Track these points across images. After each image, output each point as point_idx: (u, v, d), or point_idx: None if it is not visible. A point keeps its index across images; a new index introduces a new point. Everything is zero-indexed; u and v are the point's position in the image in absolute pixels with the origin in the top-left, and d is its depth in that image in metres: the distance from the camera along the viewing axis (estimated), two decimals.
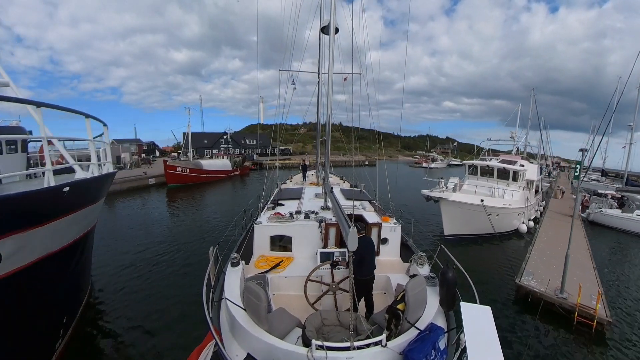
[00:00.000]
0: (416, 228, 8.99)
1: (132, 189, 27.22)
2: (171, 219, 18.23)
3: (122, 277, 10.16)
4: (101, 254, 11.65)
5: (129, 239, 14.29)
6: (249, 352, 3.88)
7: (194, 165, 32.74)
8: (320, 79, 11.73)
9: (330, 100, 7.41)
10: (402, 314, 4.08)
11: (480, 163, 19.05)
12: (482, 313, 3.56)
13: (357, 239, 3.87)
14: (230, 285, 4.91)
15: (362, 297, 5.00)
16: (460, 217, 14.05)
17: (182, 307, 8.26)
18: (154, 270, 10.85)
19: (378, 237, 6.72)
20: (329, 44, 6.93)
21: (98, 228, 8.66)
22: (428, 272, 5.43)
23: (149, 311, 8.19)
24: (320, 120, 12.40)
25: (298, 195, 10.01)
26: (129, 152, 50.05)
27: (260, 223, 6.97)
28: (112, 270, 10.73)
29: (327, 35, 8.70)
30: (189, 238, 14.45)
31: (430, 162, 64.72)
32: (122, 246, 13.22)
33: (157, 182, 29.71)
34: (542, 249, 12.69)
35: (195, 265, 11.13)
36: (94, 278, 9.84)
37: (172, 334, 7.21)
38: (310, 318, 4.25)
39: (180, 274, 10.57)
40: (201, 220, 17.71)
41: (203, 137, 65.29)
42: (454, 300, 4.48)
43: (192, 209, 20.95)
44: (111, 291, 9.22)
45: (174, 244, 13.43)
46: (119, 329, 7.46)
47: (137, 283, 9.76)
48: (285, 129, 75.72)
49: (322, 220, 6.81)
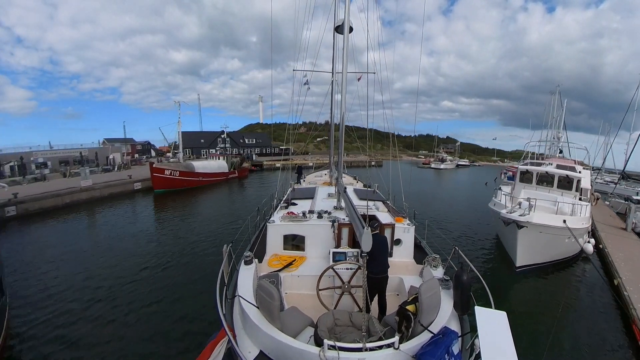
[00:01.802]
0: (430, 229, 8.70)
1: (115, 195, 24.22)
2: (154, 232, 15.27)
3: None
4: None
5: (94, 258, 11.62)
6: (261, 350, 3.93)
7: (184, 167, 29.38)
8: (334, 78, 11.64)
9: (344, 100, 7.31)
10: (412, 315, 4.00)
11: (537, 169, 15.67)
12: (497, 318, 3.50)
13: (371, 240, 3.99)
14: (244, 283, 4.99)
15: (374, 297, 4.99)
16: (537, 242, 10.87)
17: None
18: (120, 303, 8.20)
19: (391, 237, 6.57)
20: (343, 43, 6.81)
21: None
22: (442, 274, 5.40)
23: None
24: (329, 120, 12.72)
25: (311, 195, 9.95)
26: (120, 153, 47.21)
27: (273, 222, 7.01)
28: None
29: (340, 35, 8.47)
30: (172, 259, 11.72)
31: (440, 163, 61.78)
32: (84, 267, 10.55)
33: (144, 187, 26.62)
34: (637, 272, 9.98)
35: (180, 300, 8.57)
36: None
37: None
38: (323, 318, 4.23)
39: (157, 312, 8.03)
40: (190, 234, 14.81)
41: (199, 136, 62.31)
42: (468, 304, 4.38)
43: (181, 220, 17.96)
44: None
45: (152, 270, 10.63)
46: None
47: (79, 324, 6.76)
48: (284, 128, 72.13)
49: (335, 220, 6.77)
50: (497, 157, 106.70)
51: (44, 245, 13.22)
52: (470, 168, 76.04)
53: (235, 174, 38.10)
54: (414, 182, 28.75)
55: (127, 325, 7.51)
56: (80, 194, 22.33)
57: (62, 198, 21.18)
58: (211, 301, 4.64)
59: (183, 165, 29.74)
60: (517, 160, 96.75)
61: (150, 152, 64.40)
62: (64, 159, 41.47)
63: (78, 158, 41.77)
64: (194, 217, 18.75)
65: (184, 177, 27.92)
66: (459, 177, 55.26)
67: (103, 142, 55.42)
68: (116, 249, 12.88)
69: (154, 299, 8.76)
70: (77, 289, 9.32)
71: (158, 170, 25.81)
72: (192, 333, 7.17)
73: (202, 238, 14.39)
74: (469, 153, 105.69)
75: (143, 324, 7.57)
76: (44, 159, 40.30)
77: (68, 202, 21.38)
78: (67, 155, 42.48)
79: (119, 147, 48.82)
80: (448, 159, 68.42)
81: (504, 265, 11.84)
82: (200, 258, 11.95)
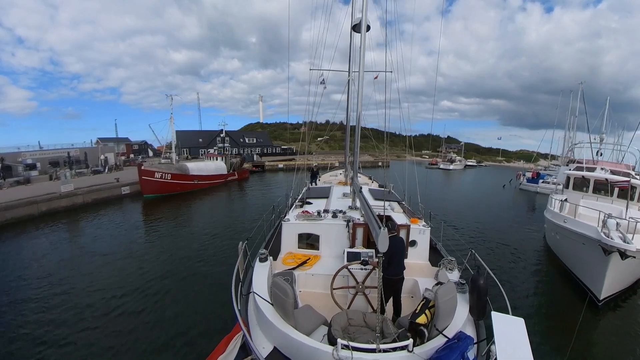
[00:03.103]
0: (446, 231, 8.50)
1: (100, 201, 21.76)
2: (136, 249, 12.72)
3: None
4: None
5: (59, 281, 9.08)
6: (275, 346, 3.98)
7: (177, 169, 26.49)
8: (350, 77, 11.59)
9: (360, 99, 7.41)
10: (425, 329, 3.92)
11: (594, 175, 13.35)
12: (515, 325, 3.43)
13: (388, 240, 3.89)
14: (258, 280, 5.05)
15: (389, 298, 4.91)
16: (625, 269, 8.66)
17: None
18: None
19: (406, 239, 6.43)
20: (361, 42, 6.83)
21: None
22: (457, 277, 5.27)
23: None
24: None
25: (326, 194, 9.95)
26: (113, 153, 44.76)
27: (288, 220, 7.02)
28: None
29: (357, 33, 8.56)
30: (155, 284, 9.36)
31: (449, 164, 59.05)
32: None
33: (133, 192, 24.10)
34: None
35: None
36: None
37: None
38: (337, 317, 4.19)
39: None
40: (180, 249, 12.31)
41: (198, 135, 59.88)
42: (484, 309, 4.31)
43: (171, 232, 15.49)
44: None
45: (126, 299, 8.28)
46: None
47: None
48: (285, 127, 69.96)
49: (350, 220, 6.72)
50: (502, 157, 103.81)
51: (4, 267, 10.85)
52: (477, 168, 73.86)
53: (235, 175, 35.42)
54: (424, 183, 26.08)
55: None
56: (59, 200, 19.88)
57: (38, 206, 18.75)
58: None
59: (176, 167, 26.84)
60: (521, 160, 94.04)
61: (148, 152, 61.99)
62: (54, 160, 39.05)
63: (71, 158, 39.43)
64: (186, 229, 16.24)
65: (176, 181, 25.23)
66: (470, 178, 52.92)
67: (96, 142, 53.04)
68: (82, 270, 10.45)
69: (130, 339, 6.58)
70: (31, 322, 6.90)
71: (147, 173, 23.10)
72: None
73: (193, 255, 12.00)
74: (473, 153, 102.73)
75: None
76: (32, 160, 37.88)
77: (45, 210, 18.95)
78: (58, 155, 39.99)
79: (112, 146, 46.32)
80: (457, 160, 65.70)
81: (568, 291, 9.70)
82: (190, 284, 9.56)
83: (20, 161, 35.55)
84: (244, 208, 21.50)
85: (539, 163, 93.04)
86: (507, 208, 25.03)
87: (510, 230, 17.27)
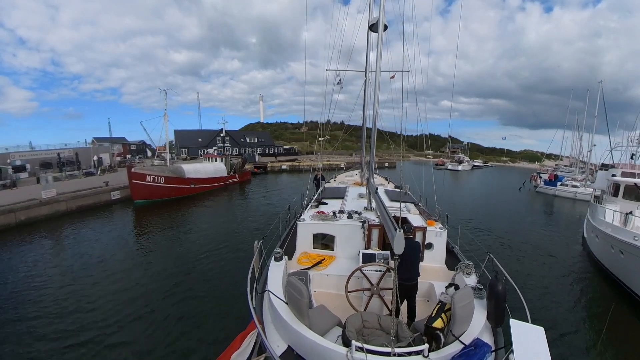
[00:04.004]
0: (463, 235, 8.07)
1: (85, 208, 19.70)
2: (120, 268, 10.69)
3: None
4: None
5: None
6: (289, 345, 3.96)
7: (172, 172, 24.07)
8: (367, 77, 11.62)
9: (377, 99, 7.32)
10: (441, 334, 3.79)
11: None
12: (534, 333, 3.33)
13: (404, 242, 3.91)
14: (273, 279, 5.02)
15: (403, 302, 4.81)
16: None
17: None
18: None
19: (422, 241, 6.38)
20: (378, 41, 6.75)
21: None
22: (475, 282, 5.17)
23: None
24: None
25: (341, 195, 9.90)
26: (109, 153, 42.80)
27: (303, 220, 7.01)
28: None
29: (375, 33, 8.28)
30: (142, 313, 7.44)
31: (457, 164, 56.87)
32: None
33: (124, 197, 22.03)
34: None
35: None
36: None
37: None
38: (351, 319, 4.15)
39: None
40: (172, 268, 10.29)
41: (197, 134, 57.84)
42: (503, 316, 4.20)
43: (162, 245, 13.49)
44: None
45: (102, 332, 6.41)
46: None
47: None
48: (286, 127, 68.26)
49: (366, 221, 6.66)
50: (507, 158, 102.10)
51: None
52: (483, 169, 72.18)
53: (236, 178, 33.14)
54: (440, 185, 25.99)
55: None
56: (40, 208, 17.88)
57: (15, 214, 16.76)
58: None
59: (170, 170, 24.39)
60: (527, 161, 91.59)
61: (146, 152, 60.03)
62: (46, 161, 37.09)
63: (63, 159, 37.44)
64: (180, 242, 14.13)
65: (171, 185, 23.02)
66: (480, 180, 51.00)
67: (92, 142, 51.12)
68: (50, 296, 8.42)
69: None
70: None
71: (137, 177, 20.89)
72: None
73: (185, 274, 10.02)
74: (477, 153, 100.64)
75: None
76: (21, 161, 35.96)
77: (24, 219, 16.96)
78: (50, 157, 37.96)
79: (107, 147, 44.30)
80: (465, 160, 63.56)
81: (626, 310, 8.87)
82: (184, 315, 7.63)
83: (9, 162, 33.67)
84: (247, 216, 19.24)
85: (543, 163, 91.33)
86: (524, 212, 24.02)
87: (530, 235, 16.47)
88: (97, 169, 32.94)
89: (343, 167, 31.40)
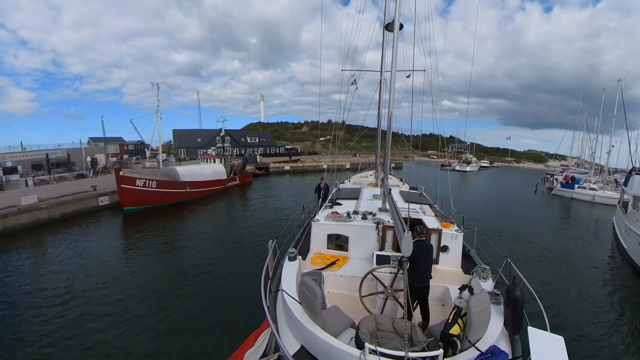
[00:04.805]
0: (480, 238, 7.88)
1: (70, 215, 18.00)
2: (105, 292, 9.05)
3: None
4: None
5: None
6: (302, 344, 3.98)
7: (165, 175, 21.92)
8: (382, 77, 11.71)
9: (392, 99, 7.29)
10: (458, 340, 3.73)
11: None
12: (553, 343, 3.25)
13: (412, 245, 4.06)
14: (287, 278, 5.03)
15: (414, 303, 4.85)
16: None
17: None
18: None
19: (438, 244, 6.34)
20: (393, 41, 6.67)
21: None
22: (492, 287, 5.01)
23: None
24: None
25: (356, 196, 9.89)
26: (104, 154, 41.23)
27: (317, 221, 7.04)
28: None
29: (390, 32, 8.56)
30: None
31: (466, 165, 55.06)
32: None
33: (114, 202, 20.27)
34: None
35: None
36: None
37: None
38: (365, 321, 4.09)
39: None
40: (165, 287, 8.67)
41: (196, 134, 56.14)
42: (520, 323, 4.08)
43: (154, 259, 11.78)
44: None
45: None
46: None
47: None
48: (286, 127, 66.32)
49: (380, 222, 6.65)
50: (511, 158, 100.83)
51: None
52: (490, 170, 70.96)
53: (236, 180, 31.06)
54: (455, 187, 26.28)
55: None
56: (18, 216, 16.24)
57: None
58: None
59: (162, 173, 22.17)
60: (531, 161, 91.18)
61: (145, 152, 58.39)
62: (37, 162, 35.52)
63: (53, 160, 35.86)
64: (172, 258, 12.39)
65: (164, 189, 21.12)
66: (488, 181, 49.46)
67: (88, 142, 49.57)
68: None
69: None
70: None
71: (127, 181, 19.01)
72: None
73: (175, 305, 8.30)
74: (481, 153, 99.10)
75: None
76: (12, 162, 34.45)
77: (0, 229, 15.36)
78: (41, 157, 36.35)
79: (102, 147, 42.65)
80: (473, 161, 61.87)
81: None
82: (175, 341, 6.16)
83: (0, 164, 32.15)
84: (249, 225, 17.27)
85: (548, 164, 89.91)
86: (542, 215, 23.31)
87: (550, 239, 15.96)
88: (90, 171, 31.30)
89: (348, 168, 29.89)
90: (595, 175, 38.51)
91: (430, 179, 11.56)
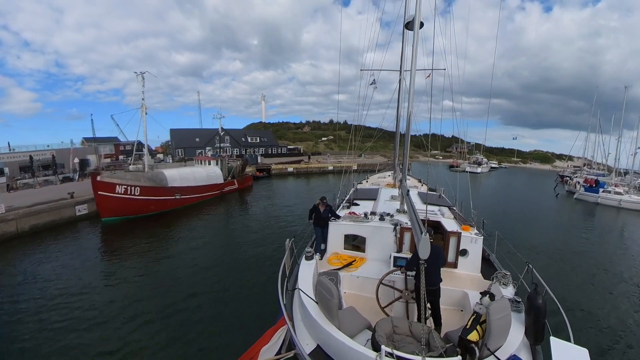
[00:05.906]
0: (501, 242, 7.57)
1: (42, 227, 15.82)
2: (65, 326, 6.96)
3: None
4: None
5: None
6: (318, 344, 3.96)
7: (150, 179, 19.34)
8: (402, 76, 11.72)
9: (411, 99, 6.89)
10: (476, 347, 3.59)
11: None
12: (577, 355, 3.17)
13: (430, 247, 3.85)
14: (304, 278, 5.03)
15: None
16: None
17: None
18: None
19: (457, 247, 6.22)
20: (413, 39, 6.45)
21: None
22: (512, 294, 4.85)
23: None
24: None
25: (374, 196, 9.87)
26: (95, 155, 39.21)
27: (335, 221, 7.03)
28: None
29: (410, 31, 8.45)
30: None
31: (476, 166, 52.67)
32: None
33: (93, 212, 17.97)
34: None
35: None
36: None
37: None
38: (381, 323, 4.03)
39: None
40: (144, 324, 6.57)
41: (194, 134, 54.03)
42: (542, 333, 3.89)
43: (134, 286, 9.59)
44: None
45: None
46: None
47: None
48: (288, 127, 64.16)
49: (398, 224, 6.58)
50: (518, 158, 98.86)
51: None
52: (499, 170, 69.13)
53: (235, 184, 28.49)
54: (474, 189, 23.63)
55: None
56: None
57: None
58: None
59: (148, 177, 19.43)
60: (538, 161, 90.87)
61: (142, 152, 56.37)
62: (25, 164, 33.60)
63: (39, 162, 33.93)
64: (155, 282, 10.17)
65: (149, 197, 18.64)
66: (500, 182, 47.45)
67: (82, 142, 47.71)
68: None
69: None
70: None
71: (104, 187, 16.63)
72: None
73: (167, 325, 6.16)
74: (486, 153, 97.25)
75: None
76: (0, 163, 32.66)
77: None
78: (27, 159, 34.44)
79: (94, 147, 40.58)
80: (484, 162, 59.61)
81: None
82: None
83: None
84: (248, 240, 14.87)
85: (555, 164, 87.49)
86: (566, 221, 22.43)
87: (576, 246, 15.39)
88: (77, 173, 29.28)
89: (356, 170, 28.18)
90: (617, 177, 36.48)
91: (450, 181, 11.12)
